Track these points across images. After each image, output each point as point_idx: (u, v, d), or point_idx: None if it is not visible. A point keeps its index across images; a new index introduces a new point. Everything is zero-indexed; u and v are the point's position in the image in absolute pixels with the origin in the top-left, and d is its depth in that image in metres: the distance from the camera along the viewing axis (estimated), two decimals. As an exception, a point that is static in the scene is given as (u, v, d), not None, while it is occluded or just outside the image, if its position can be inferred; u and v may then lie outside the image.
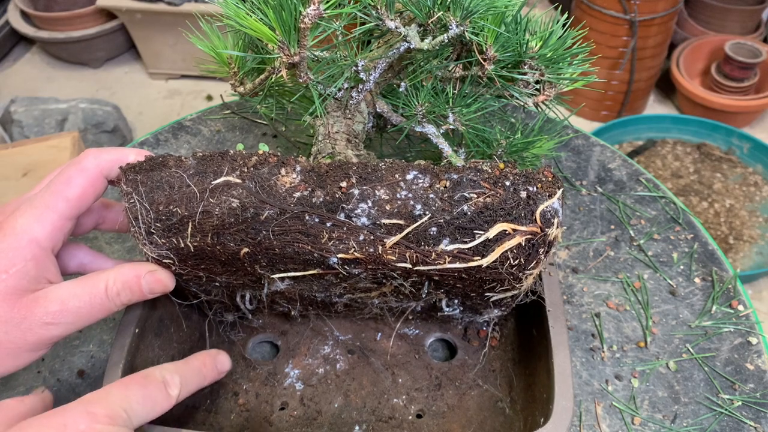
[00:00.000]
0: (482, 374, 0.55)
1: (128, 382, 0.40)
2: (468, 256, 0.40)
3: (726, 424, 0.51)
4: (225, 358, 0.49)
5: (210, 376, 0.47)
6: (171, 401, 0.42)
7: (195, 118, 0.79)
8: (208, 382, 0.47)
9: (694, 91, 1.85)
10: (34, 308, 0.40)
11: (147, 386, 0.40)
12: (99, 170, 0.43)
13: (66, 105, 1.78)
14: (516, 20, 0.45)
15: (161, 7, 1.90)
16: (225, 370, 0.49)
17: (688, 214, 0.68)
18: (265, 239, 0.40)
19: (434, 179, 0.40)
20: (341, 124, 0.50)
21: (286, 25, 0.40)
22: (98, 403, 0.37)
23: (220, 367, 0.49)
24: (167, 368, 0.43)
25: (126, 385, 0.40)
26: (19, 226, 0.40)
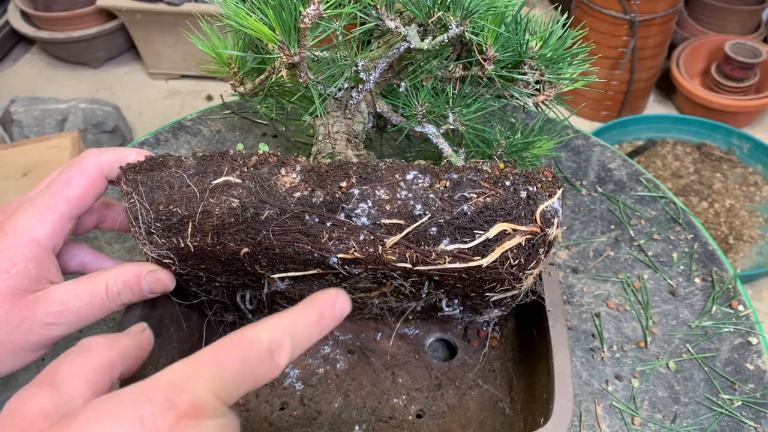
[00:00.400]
0: (482, 374, 0.55)
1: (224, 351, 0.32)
2: (468, 256, 0.40)
3: (726, 424, 0.51)
4: (344, 300, 0.38)
5: (329, 326, 0.37)
6: (276, 372, 0.33)
7: (195, 118, 0.79)
8: (326, 333, 0.37)
9: (694, 91, 1.85)
10: (35, 308, 0.40)
11: (247, 357, 0.32)
12: (99, 170, 0.43)
13: (66, 105, 1.78)
14: (516, 20, 0.45)
15: (161, 7, 1.90)
16: (345, 314, 0.38)
17: (688, 214, 0.68)
18: (265, 239, 0.40)
19: (434, 179, 0.40)
20: (341, 124, 0.50)
21: (286, 25, 0.40)
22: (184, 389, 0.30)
23: (340, 312, 0.38)
24: (277, 326, 0.34)
25: (220, 357, 0.32)
26: (20, 226, 0.40)
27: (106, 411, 0.29)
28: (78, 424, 0.28)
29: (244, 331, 0.33)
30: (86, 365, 0.33)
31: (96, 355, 0.34)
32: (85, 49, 2.16)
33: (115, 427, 0.28)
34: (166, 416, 0.29)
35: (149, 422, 0.28)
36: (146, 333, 0.40)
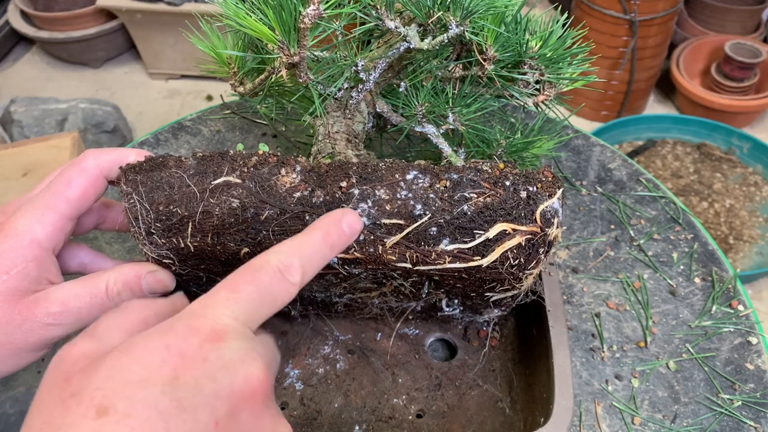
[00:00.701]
0: (482, 374, 0.55)
1: (236, 280, 0.34)
2: (468, 255, 0.40)
3: (726, 424, 0.51)
4: (354, 217, 0.39)
5: (339, 244, 0.38)
6: (293, 289, 0.35)
7: (195, 118, 0.79)
8: (338, 251, 0.39)
9: (694, 91, 1.85)
10: (35, 309, 0.40)
11: (259, 280, 0.34)
12: (99, 170, 0.43)
13: (66, 105, 1.78)
14: (516, 20, 0.45)
15: (161, 7, 1.90)
16: (357, 230, 0.39)
17: (688, 214, 0.68)
18: (266, 239, 0.40)
19: (434, 179, 0.40)
20: (341, 124, 0.50)
21: (286, 25, 0.40)
22: (202, 315, 0.32)
23: (350, 229, 0.39)
24: (283, 250, 0.36)
25: (233, 285, 0.34)
26: (20, 227, 0.40)
27: (135, 344, 0.31)
28: (112, 357, 0.30)
29: (252, 260, 0.35)
30: (123, 319, 0.35)
31: (132, 312, 0.36)
32: (85, 49, 2.16)
33: (144, 355, 0.30)
34: (189, 341, 0.31)
35: (174, 348, 0.30)
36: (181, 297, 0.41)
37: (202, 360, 0.31)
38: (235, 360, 0.31)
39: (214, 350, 0.31)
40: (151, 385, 0.29)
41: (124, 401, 0.28)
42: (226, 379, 0.31)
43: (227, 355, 0.31)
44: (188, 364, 0.30)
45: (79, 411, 0.28)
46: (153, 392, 0.29)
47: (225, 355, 0.31)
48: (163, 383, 0.29)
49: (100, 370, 0.30)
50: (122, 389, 0.29)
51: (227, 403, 0.30)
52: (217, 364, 0.31)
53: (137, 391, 0.29)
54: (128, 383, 0.29)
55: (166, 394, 0.29)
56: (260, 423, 0.32)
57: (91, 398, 0.28)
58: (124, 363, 0.30)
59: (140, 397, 0.28)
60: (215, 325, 0.32)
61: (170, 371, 0.30)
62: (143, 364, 0.30)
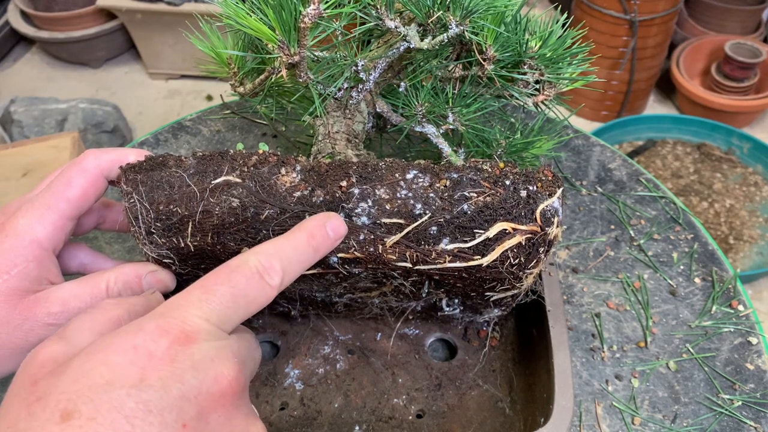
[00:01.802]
0: (482, 374, 0.55)
1: (212, 280, 0.34)
2: (468, 255, 0.40)
3: (726, 424, 0.51)
4: (339, 222, 0.38)
5: (323, 247, 0.38)
6: (272, 292, 0.35)
7: (195, 118, 0.79)
8: (322, 255, 0.38)
9: (694, 91, 1.85)
10: (36, 309, 0.40)
11: (235, 281, 0.33)
12: (99, 170, 0.43)
13: (66, 105, 1.78)
14: (516, 20, 0.45)
15: (161, 7, 1.90)
16: (341, 235, 0.39)
17: (688, 214, 0.68)
18: (266, 239, 0.40)
19: (434, 178, 0.40)
20: (341, 124, 0.50)
21: (286, 24, 0.40)
22: (172, 316, 0.32)
23: (335, 233, 0.38)
24: (263, 250, 0.35)
25: (207, 286, 0.33)
26: (21, 227, 0.40)
27: (103, 344, 0.31)
28: (79, 359, 0.30)
29: (231, 260, 0.35)
30: (94, 319, 0.35)
31: (104, 311, 0.36)
32: (85, 49, 2.16)
33: (110, 357, 0.30)
34: (159, 342, 0.30)
35: (142, 348, 0.30)
36: (156, 295, 0.41)
37: (170, 361, 0.30)
38: (204, 360, 0.31)
39: (183, 351, 0.31)
40: (116, 388, 0.28)
41: (89, 404, 0.28)
42: (194, 380, 0.30)
43: (196, 356, 0.31)
44: (156, 365, 0.30)
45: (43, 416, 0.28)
46: (118, 395, 0.28)
47: (194, 356, 0.31)
48: (129, 385, 0.29)
49: (66, 373, 0.29)
50: (87, 392, 0.28)
51: (196, 405, 0.30)
52: (185, 365, 0.30)
53: (102, 394, 0.28)
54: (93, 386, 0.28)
55: (131, 396, 0.28)
56: (231, 424, 0.32)
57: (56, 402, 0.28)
58: (90, 365, 0.29)
59: (105, 400, 0.28)
60: (185, 326, 0.31)
61: (137, 373, 0.29)
62: (109, 366, 0.29)
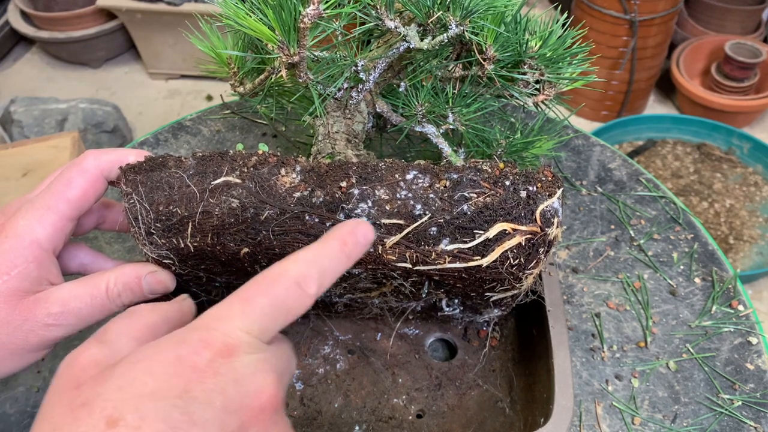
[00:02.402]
0: (482, 374, 0.55)
1: (252, 291, 0.34)
2: (468, 255, 0.40)
3: (726, 424, 0.51)
4: (368, 228, 0.38)
5: (355, 254, 0.37)
6: (309, 301, 0.34)
7: (195, 118, 0.79)
8: (354, 261, 0.38)
9: (694, 91, 1.85)
10: (36, 310, 0.40)
11: (274, 291, 0.33)
12: (99, 171, 0.43)
13: (66, 105, 1.78)
14: (516, 20, 0.45)
15: (161, 7, 1.90)
16: (371, 240, 0.39)
17: (688, 214, 0.68)
18: (265, 239, 0.40)
19: (434, 179, 0.40)
20: (341, 124, 0.50)
21: (286, 25, 0.40)
22: (214, 328, 0.32)
23: (365, 239, 0.38)
24: (300, 259, 0.35)
25: (249, 297, 0.33)
26: (21, 228, 0.40)
27: (147, 353, 0.31)
28: (123, 367, 0.30)
29: (269, 269, 0.34)
30: (132, 325, 0.35)
31: (141, 317, 0.36)
32: (85, 49, 2.16)
33: (155, 366, 0.30)
34: (202, 354, 0.31)
35: (186, 360, 0.30)
36: (188, 301, 0.41)
37: (213, 374, 0.30)
38: (246, 375, 0.31)
39: (226, 364, 0.31)
40: (161, 398, 0.29)
41: (135, 413, 0.28)
42: (236, 394, 0.31)
43: (239, 369, 0.31)
44: (199, 377, 0.30)
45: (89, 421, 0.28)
46: (163, 405, 0.28)
47: (237, 370, 0.31)
48: (174, 396, 0.29)
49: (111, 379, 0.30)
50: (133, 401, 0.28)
51: (237, 418, 0.30)
52: (228, 378, 0.31)
53: (148, 403, 0.28)
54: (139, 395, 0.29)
55: (176, 407, 0.29)
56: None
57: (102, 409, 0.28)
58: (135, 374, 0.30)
59: (150, 410, 0.28)
60: (227, 339, 0.31)
61: (181, 384, 0.29)
62: (154, 375, 0.30)
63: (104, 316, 0.43)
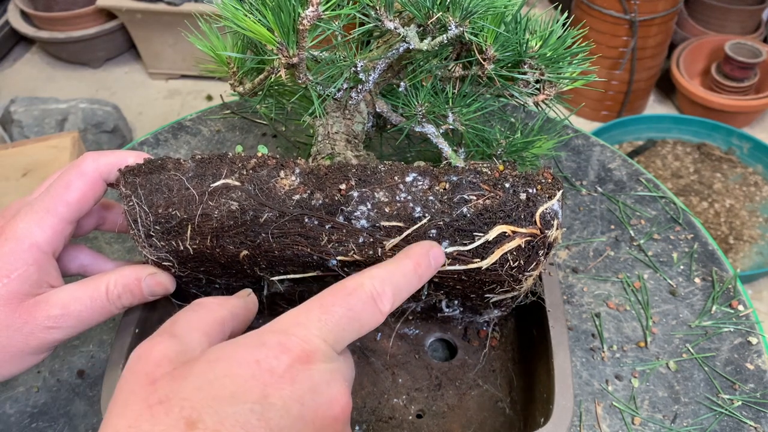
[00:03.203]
0: (482, 374, 0.55)
1: (330, 300, 0.34)
2: (467, 258, 0.40)
3: (726, 424, 0.51)
4: (440, 251, 0.39)
5: (426, 275, 0.38)
6: (381, 318, 0.35)
7: (195, 118, 0.79)
8: (424, 282, 0.38)
9: (694, 91, 1.85)
10: (36, 312, 0.40)
11: (352, 304, 0.34)
12: (98, 173, 0.43)
13: (66, 105, 1.78)
14: (516, 20, 0.45)
15: (161, 7, 1.90)
16: (441, 264, 0.39)
17: (688, 214, 0.68)
18: (265, 242, 0.40)
19: (434, 181, 0.40)
20: (341, 124, 0.50)
21: (285, 26, 0.40)
22: (293, 333, 0.32)
23: (435, 262, 0.38)
24: (377, 275, 0.35)
25: (327, 306, 0.33)
26: (20, 231, 0.40)
27: (225, 354, 0.31)
28: (201, 367, 0.30)
29: (346, 281, 0.35)
30: (201, 319, 0.35)
31: (209, 311, 0.36)
32: (85, 49, 2.16)
33: (234, 368, 0.30)
34: (280, 359, 0.31)
35: (265, 364, 0.30)
36: (252, 297, 0.41)
37: (291, 381, 0.30)
38: (321, 383, 0.31)
39: (303, 371, 0.31)
40: (240, 402, 0.29)
41: (213, 416, 0.28)
42: (312, 403, 0.30)
43: (315, 377, 0.31)
44: (278, 383, 0.30)
45: (167, 420, 0.28)
46: (242, 409, 0.28)
47: (313, 378, 0.31)
48: (252, 401, 0.29)
49: (189, 379, 0.30)
50: (211, 403, 0.28)
51: (312, 427, 0.30)
52: (305, 386, 0.31)
53: (226, 407, 0.28)
54: (217, 397, 0.29)
55: (254, 412, 0.29)
56: None
57: (180, 408, 0.28)
58: (213, 375, 0.30)
59: (229, 413, 0.28)
60: (306, 346, 0.31)
61: (260, 389, 0.29)
62: (233, 378, 0.29)
63: (105, 319, 0.43)
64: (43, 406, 0.52)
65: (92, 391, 0.53)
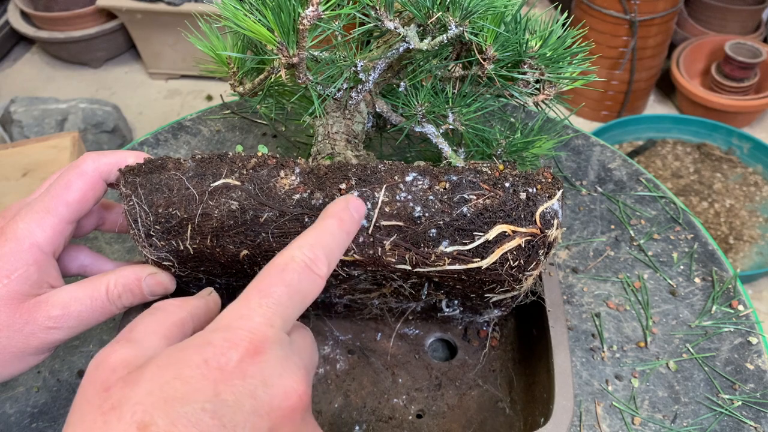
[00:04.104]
0: (482, 374, 0.55)
1: (266, 283, 0.33)
2: (467, 257, 0.40)
3: (726, 424, 0.51)
4: (358, 201, 0.39)
5: (352, 228, 0.38)
6: (321, 282, 0.35)
7: (195, 118, 0.79)
8: (353, 236, 0.38)
9: (694, 91, 1.85)
10: (37, 313, 0.40)
11: (288, 279, 0.33)
12: (98, 173, 0.43)
13: (66, 105, 1.78)
14: (516, 20, 0.45)
15: (161, 7, 1.90)
16: (363, 213, 0.39)
17: (688, 214, 0.68)
18: (265, 241, 0.40)
19: (434, 181, 0.40)
20: (341, 124, 0.50)
21: (285, 26, 0.40)
22: (238, 327, 0.31)
23: (358, 213, 0.38)
24: (304, 243, 0.35)
25: (264, 289, 0.33)
26: (20, 231, 0.40)
27: (174, 357, 0.31)
28: (151, 370, 0.30)
29: (276, 258, 0.34)
30: (159, 322, 0.35)
31: (168, 314, 0.36)
32: (85, 49, 2.16)
33: (183, 369, 0.30)
34: (228, 355, 0.30)
35: (213, 362, 0.30)
36: (213, 295, 0.41)
37: (242, 376, 0.30)
38: (273, 375, 0.31)
39: (254, 365, 0.31)
40: (191, 402, 0.29)
41: (165, 418, 0.28)
42: (266, 396, 0.30)
43: (266, 370, 0.31)
44: (228, 379, 0.30)
45: (119, 426, 0.28)
46: (194, 409, 0.28)
47: (265, 370, 0.31)
48: (203, 400, 0.29)
49: (140, 383, 0.30)
50: (163, 405, 0.28)
51: (267, 421, 0.30)
52: (257, 379, 0.30)
53: (178, 408, 0.28)
54: (169, 399, 0.29)
55: (206, 411, 0.29)
56: None
57: (132, 413, 0.28)
58: (164, 378, 0.30)
59: (181, 414, 0.28)
60: (253, 337, 0.31)
61: (211, 387, 0.29)
62: (183, 379, 0.29)
63: (105, 319, 0.43)
64: (43, 406, 0.52)
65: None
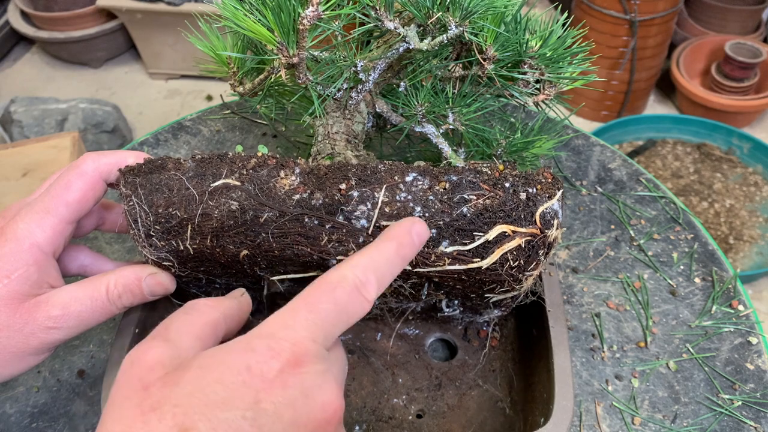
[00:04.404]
0: (482, 374, 0.55)
1: (315, 298, 0.33)
2: (467, 257, 0.40)
3: (726, 424, 0.51)
4: (423, 227, 0.38)
5: (410, 255, 0.37)
6: (368, 306, 0.34)
7: (195, 118, 0.79)
8: (408, 262, 0.38)
9: (694, 91, 1.85)
10: (37, 313, 0.40)
11: (338, 297, 0.33)
12: (98, 173, 0.43)
13: (66, 105, 1.78)
14: (516, 20, 0.45)
15: (161, 7, 1.90)
16: (425, 240, 0.38)
17: (688, 214, 0.68)
18: (265, 242, 0.40)
19: (434, 181, 0.40)
20: (341, 124, 0.50)
21: (285, 26, 0.40)
22: (282, 337, 0.32)
23: (419, 239, 0.37)
24: (359, 264, 0.35)
25: (313, 303, 0.33)
26: (20, 231, 0.40)
27: (216, 360, 0.31)
28: (193, 373, 0.30)
29: (328, 275, 0.34)
30: (194, 323, 0.35)
31: (201, 314, 0.36)
32: (85, 49, 2.16)
33: (225, 374, 0.30)
34: (270, 364, 0.31)
35: (255, 369, 0.30)
36: (245, 297, 0.41)
37: (282, 386, 0.30)
38: (313, 387, 0.31)
39: (294, 376, 0.31)
40: (233, 408, 0.29)
41: (206, 422, 0.28)
42: (305, 407, 0.31)
43: (307, 381, 0.31)
44: (269, 389, 0.30)
45: (160, 427, 0.28)
46: (234, 416, 0.29)
47: (305, 382, 0.31)
48: (244, 407, 0.29)
49: (181, 385, 0.30)
50: (204, 409, 0.29)
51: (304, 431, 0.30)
52: (297, 390, 0.31)
53: (219, 413, 0.28)
54: (210, 404, 0.29)
55: (246, 419, 0.29)
56: None
57: (173, 415, 0.28)
58: (206, 382, 0.30)
59: (222, 419, 0.28)
60: (295, 349, 0.31)
61: (251, 395, 0.30)
62: (225, 384, 0.30)
63: (105, 319, 0.43)
64: (44, 406, 0.52)
65: (92, 391, 0.53)
